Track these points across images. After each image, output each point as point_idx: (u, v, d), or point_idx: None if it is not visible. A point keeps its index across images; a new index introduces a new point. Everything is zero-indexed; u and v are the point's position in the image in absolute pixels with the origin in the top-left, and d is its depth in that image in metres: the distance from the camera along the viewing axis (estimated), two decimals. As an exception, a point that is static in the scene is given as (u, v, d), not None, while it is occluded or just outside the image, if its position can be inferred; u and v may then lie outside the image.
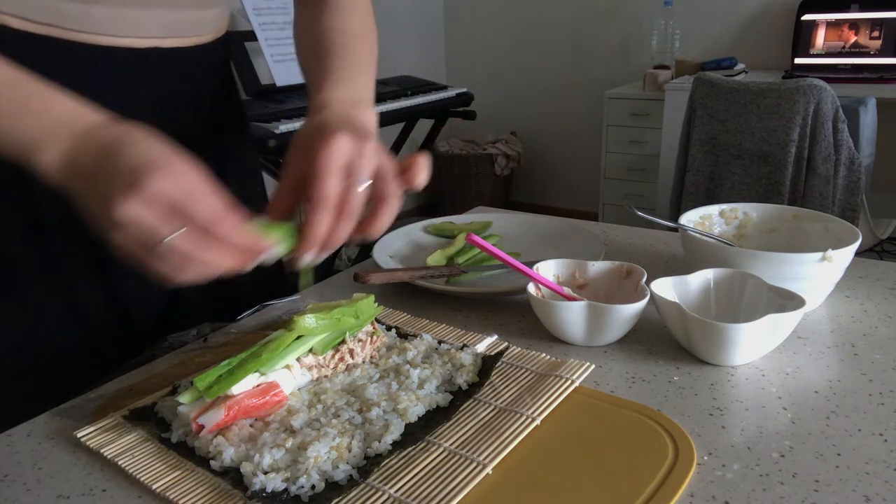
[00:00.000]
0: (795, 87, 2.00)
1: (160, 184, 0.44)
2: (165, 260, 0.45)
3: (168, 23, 0.65)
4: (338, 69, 0.64)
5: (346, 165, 0.51)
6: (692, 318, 0.56)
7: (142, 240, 0.45)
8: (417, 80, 3.02)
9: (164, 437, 0.50)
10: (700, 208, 0.79)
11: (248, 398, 0.49)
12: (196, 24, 0.68)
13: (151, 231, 0.44)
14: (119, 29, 0.61)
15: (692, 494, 0.43)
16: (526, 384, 0.55)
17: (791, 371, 0.57)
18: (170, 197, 0.44)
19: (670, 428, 0.49)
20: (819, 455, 0.47)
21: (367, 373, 0.56)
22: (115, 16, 0.60)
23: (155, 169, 0.44)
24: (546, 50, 3.74)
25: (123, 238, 0.45)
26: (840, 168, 2.03)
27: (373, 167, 0.53)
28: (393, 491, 0.43)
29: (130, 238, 0.45)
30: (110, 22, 0.60)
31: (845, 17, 2.83)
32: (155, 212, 0.44)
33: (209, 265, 0.46)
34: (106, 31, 0.61)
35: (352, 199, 0.51)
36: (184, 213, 0.45)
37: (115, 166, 0.45)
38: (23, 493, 0.47)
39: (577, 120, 3.76)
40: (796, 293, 0.58)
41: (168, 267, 0.45)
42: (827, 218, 0.74)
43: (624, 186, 3.27)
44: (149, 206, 0.44)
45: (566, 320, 0.61)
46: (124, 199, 0.43)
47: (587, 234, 0.85)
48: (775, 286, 0.60)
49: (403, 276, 0.73)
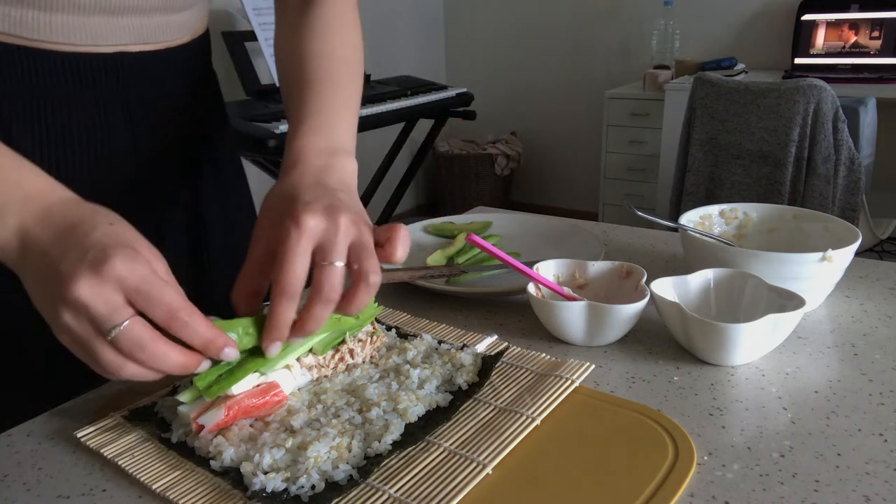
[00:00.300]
0: (795, 87, 2.00)
1: (120, 268, 0.41)
2: (113, 350, 0.42)
3: (135, 29, 0.62)
4: (316, 112, 0.60)
5: (318, 246, 0.48)
6: (692, 318, 0.56)
7: (93, 324, 0.42)
8: (417, 80, 3.02)
9: (164, 437, 0.50)
10: (700, 208, 0.79)
11: (248, 398, 0.49)
12: (166, 29, 0.65)
13: (104, 316, 0.41)
14: (82, 37, 0.58)
15: (692, 494, 0.43)
16: (526, 384, 0.55)
17: (791, 371, 0.57)
18: (128, 282, 0.42)
19: (670, 428, 0.49)
20: (819, 455, 0.47)
21: (367, 373, 0.56)
22: (78, 24, 0.58)
23: (116, 252, 0.42)
24: (546, 50, 3.74)
25: (71, 322, 0.42)
26: (840, 168, 2.03)
27: (348, 243, 0.48)
28: (393, 491, 0.43)
29: (79, 323, 0.42)
30: (73, 30, 0.58)
31: (845, 17, 2.83)
32: (111, 296, 0.41)
33: (159, 359, 0.43)
34: (67, 39, 0.58)
35: (325, 282, 0.47)
36: (142, 301, 0.42)
37: (75, 246, 0.43)
38: (23, 493, 0.47)
39: (577, 120, 3.76)
40: (796, 293, 0.58)
41: (114, 358, 0.42)
42: (827, 218, 0.74)
43: (624, 186, 3.27)
44: (105, 289, 0.41)
45: (566, 320, 0.61)
46: (81, 279, 0.41)
47: (587, 234, 0.85)
48: (775, 286, 0.60)
49: (403, 276, 0.73)
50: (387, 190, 3.19)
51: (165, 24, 0.65)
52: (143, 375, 0.44)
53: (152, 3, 0.62)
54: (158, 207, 0.70)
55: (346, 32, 0.68)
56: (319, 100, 0.61)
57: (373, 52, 3.37)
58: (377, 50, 3.48)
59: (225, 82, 2.98)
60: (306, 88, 0.62)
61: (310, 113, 0.60)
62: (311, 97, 0.61)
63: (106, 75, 0.61)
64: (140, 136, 0.65)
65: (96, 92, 0.61)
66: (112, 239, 0.43)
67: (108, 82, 0.62)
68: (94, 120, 0.61)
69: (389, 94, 2.69)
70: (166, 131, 0.68)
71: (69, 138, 0.60)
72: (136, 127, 0.65)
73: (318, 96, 0.61)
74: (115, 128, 0.63)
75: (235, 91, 2.74)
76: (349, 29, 0.69)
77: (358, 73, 0.67)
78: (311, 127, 0.58)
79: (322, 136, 0.58)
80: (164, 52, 0.66)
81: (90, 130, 0.61)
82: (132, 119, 0.64)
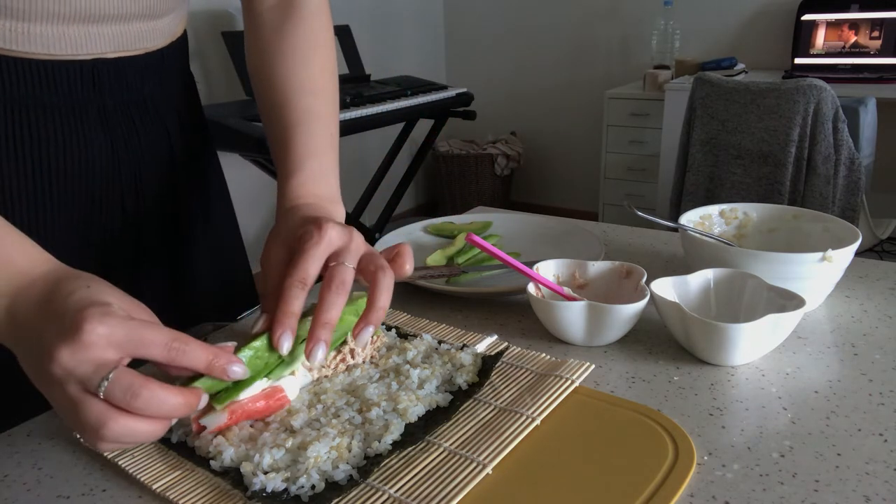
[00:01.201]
0: (795, 87, 2.00)
1: (98, 328, 0.40)
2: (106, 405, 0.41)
3: (115, 37, 0.61)
4: (307, 158, 0.62)
5: (333, 254, 0.51)
6: (692, 318, 0.56)
7: (81, 386, 0.41)
8: (417, 80, 3.02)
9: (164, 436, 0.50)
10: (700, 208, 0.79)
11: (253, 402, 0.49)
12: (146, 35, 0.65)
13: (90, 374, 0.40)
14: (61, 47, 0.58)
15: (692, 494, 0.43)
16: (526, 384, 0.55)
17: (791, 371, 0.57)
18: (115, 338, 0.41)
19: (670, 428, 0.49)
20: (819, 455, 0.47)
21: (367, 373, 0.56)
22: (56, 34, 0.57)
23: (90, 314, 0.40)
24: (546, 50, 3.74)
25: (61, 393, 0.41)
26: (840, 168, 2.03)
27: (360, 255, 0.52)
28: (393, 491, 0.43)
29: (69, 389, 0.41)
30: (51, 40, 0.57)
31: (845, 17, 2.83)
32: (93, 355, 0.40)
33: (157, 401, 0.41)
34: (46, 50, 0.57)
35: (335, 276, 0.49)
36: (134, 348, 0.41)
37: (53, 317, 0.42)
38: (23, 493, 0.47)
39: (577, 120, 3.76)
40: (796, 293, 0.58)
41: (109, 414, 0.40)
42: (827, 218, 0.74)
43: (624, 186, 3.27)
44: (87, 353, 0.40)
45: (566, 320, 0.61)
46: (61, 350, 0.40)
47: (587, 234, 0.85)
48: (775, 286, 0.60)
49: None
50: (387, 190, 3.19)
51: (146, 30, 0.64)
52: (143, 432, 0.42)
53: (132, 11, 0.61)
54: (138, 211, 0.69)
55: (322, 55, 0.69)
56: (308, 143, 0.63)
57: (373, 52, 3.38)
58: (377, 50, 3.49)
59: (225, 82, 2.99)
60: (293, 131, 0.64)
61: (301, 159, 0.62)
62: (299, 142, 0.63)
63: (82, 83, 0.61)
64: (117, 142, 0.65)
65: (72, 99, 0.60)
66: (85, 302, 0.42)
67: (85, 89, 0.61)
68: (70, 126, 0.61)
69: (389, 94, 2.69)
70: (144, 135, 0.68)
71: (45, 145, 0.60)
72: (112, 132, 0.64)
73: (307, 139, 0.63)
74: (91, 133, 0.63)
75: (235, 91, 2.74)
76: (324, 50, 0.69)
77: (335, 99, 0.69)
78: (306, 178, 0.61)
79: (317, 185, 0.62)
80: (143, 57, 0.65)
81: (67, 136, 0.61)
82: (109, 124, 0.64)
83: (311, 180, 0.61)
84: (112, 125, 0.64)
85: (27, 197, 0.60)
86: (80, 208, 0.64)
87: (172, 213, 0.73)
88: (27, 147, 0.59)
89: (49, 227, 0.62)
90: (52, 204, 0.62)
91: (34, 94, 0.58)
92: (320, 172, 0.62)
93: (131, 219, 0.69)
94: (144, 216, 0.70)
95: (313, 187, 0.61)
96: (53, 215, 0.62)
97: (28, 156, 0.59)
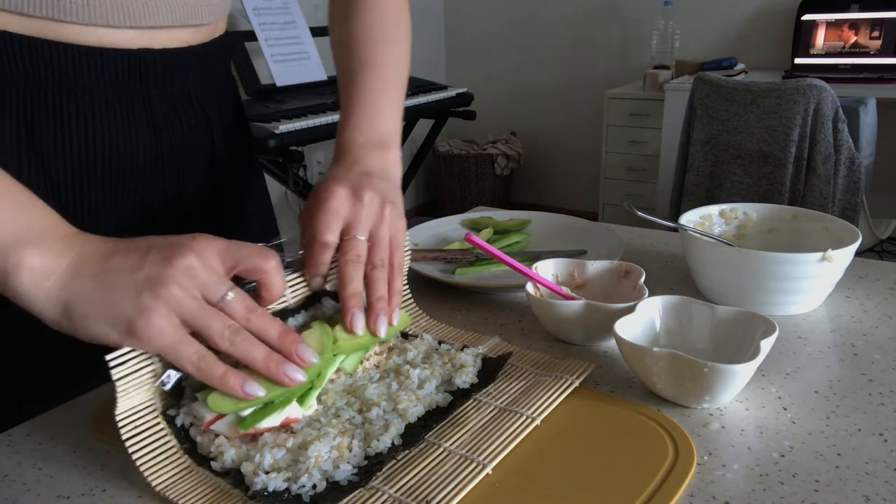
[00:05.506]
0: (795, 87, 2.00)
1: (207, 244, 0.46)
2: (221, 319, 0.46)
3: (171, 10, 0.62)
4: (359, 105, 0.66)
5: (345, 223, 0.55)
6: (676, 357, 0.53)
7: (203, 295, 0.45)
8: (417, 80, 3.02)
9: (169, 413, 0.48)
10: (700, 208, 0.79)
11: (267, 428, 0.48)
12: (199, 10, 0.66)
13: (214, 281, 0.46)
14: (119, 18, 0.59)
15: (692, 494, 0.43)
16: (526, 384, 0.55)
17: (791, 371, 0.57)
18: (227, 253, 0.47)
19: (670, 428, 0.49)
20: (819, 455, 0.47)
21: (368, 373, 0.56)
22: (114, 5, 0.58)
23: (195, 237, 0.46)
24: (546, 50, 3.74)
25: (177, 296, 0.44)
26: (840, 168, 2.03)
27: (371, 221, 0.56)
28: (393, 491, 0.43)
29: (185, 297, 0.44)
30: (110, 11, 0.58)
31: (845, 17, 2.83)
32: (214, 264, 0.46)
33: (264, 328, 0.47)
34: (105, 21, 0.58)
35: (350, 249, 0.55)
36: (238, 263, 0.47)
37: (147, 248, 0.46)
38: (23, 493, 0.47)
39: (577, 120, 3.76)
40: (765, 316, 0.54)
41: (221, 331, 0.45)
42: (827, 218, 0.74)
43: (624, 186, 3.27)
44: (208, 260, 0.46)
45: (565, 320, 0.61)
46: (178, 259, 0.44)
47: (607, 233, 0.85)
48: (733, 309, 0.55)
49: (417, 256, 0.74)
50: (387, 190, 3.18)
51: (199, 4, 0.66)
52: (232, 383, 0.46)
53: None
54: (178, 203, 0.70)
55: (386, 8, 0.73)
56: (362, 91, 0.67)
57: (373, 52, 3.37)
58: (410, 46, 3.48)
59: (225, 82, 2.96)
60: (354, 76, 0.68)
61: (353, 106, 0.66)
62: (354, 89, 0.67)
63: (129, 72, 0.62)
64: (161, 132, 0.66)
65: (118, 88, 0.62)
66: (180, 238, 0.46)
67: (132, 79, 0.63)
68: (115, 115, 0.62)
69: (389, 95, 2.69)
70: (187, 127, 0.69)
71: (91, 132, 0.61)
72: (156, 122, 0.65)
73: (361, 87, 0.67)
74: (136, 123, 0.64)
75: (235, 91, 2.73)
76: (390, 3, 0.73)
77: (398, 49, 0.72)
78: (355, 122, 0.65)
79: (364, 131, 0.65)
80: (186, 50, 0.67)
81: (112, 125, 0.62)
82: (153, 114, 0.65)
83: (357, 127, 0.65)
84: (156, 115, 0.65)
85: (73, 184, 0.61)
86: (125, 197, 0.65)
87: (212, 206, 0.74)
88: (73, 134, 0.60)
89: (94, 214, 0.62)
90: (97, 191, 0.62)
91: (81, 82, 0.59)
92: (370, 117, 0.65)
93: (172, 208, 0.69)
94: (186, 207, 0.71)
95: (358, 134, 0.64)
96: (99, 202, 0.63)
97: (74, 143, 0.60)
